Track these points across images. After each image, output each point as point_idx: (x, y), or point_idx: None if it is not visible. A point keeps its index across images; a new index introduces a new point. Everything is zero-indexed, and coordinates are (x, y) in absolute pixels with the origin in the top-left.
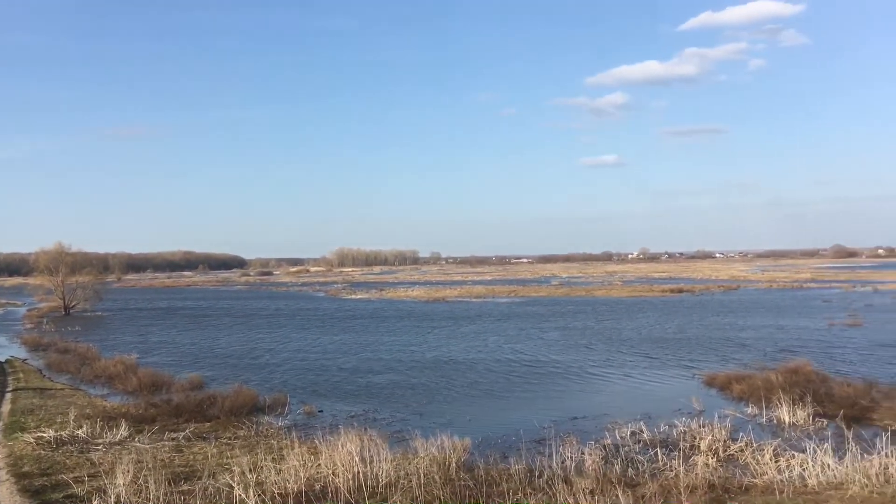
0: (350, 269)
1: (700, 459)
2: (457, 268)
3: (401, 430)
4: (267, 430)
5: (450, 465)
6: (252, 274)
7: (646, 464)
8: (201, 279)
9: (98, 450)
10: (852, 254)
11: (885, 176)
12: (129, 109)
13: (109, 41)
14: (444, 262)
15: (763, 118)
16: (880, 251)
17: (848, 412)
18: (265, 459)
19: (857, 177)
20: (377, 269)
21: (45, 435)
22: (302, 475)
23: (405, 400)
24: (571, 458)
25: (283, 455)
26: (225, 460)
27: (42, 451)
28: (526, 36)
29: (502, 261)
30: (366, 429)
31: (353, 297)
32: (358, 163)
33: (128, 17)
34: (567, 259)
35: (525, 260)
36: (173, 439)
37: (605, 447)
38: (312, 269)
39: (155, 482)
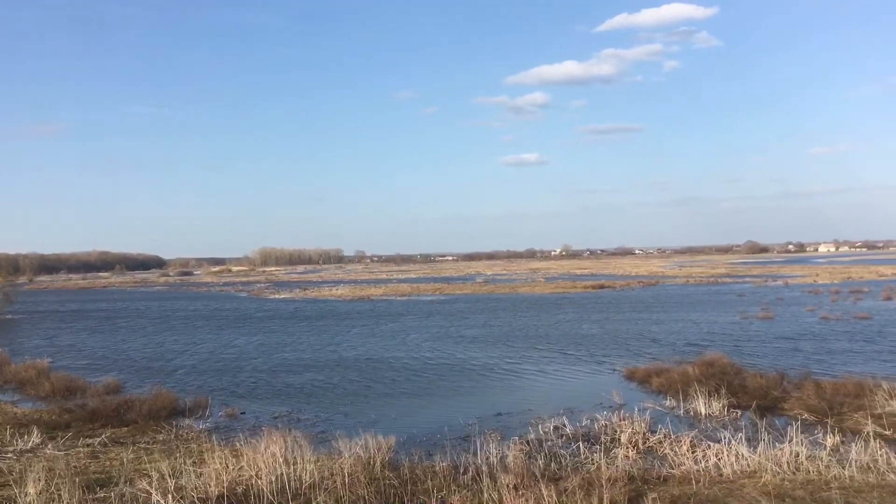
0: (273, 269)
1: (621, 452)
2: (382, 266)
3: (325, 431)
4: (187, 433)
5: (374, 465)
6: (172, 274)
7: (568, 458)
8: (118, 280)
9: (7, 458)
10: (764, 249)
11: (790, 174)
12: (42, 107)
13: (24, 37)
14: (369, 261)
15: (678, 118)
16: (790, 247)
17: (760, 403)
18: (185, 463)
19: (766, 175)
20: (301, 268)
21: None
22: (224, 478)
23: (329, 400)
24: (495, 453)
25: (203, 459)
26: (143, 465)
27: None
28: (445, 35)
29: (427, 259)
30: (289, 430)
31: (277, 296)
32: (280, 161)
33: (39, 11)
34: (491, 257)
35: (450, 258)
36: (88, 445)
37: (528, 442)
38: (235, 268)
39: (69, 490)
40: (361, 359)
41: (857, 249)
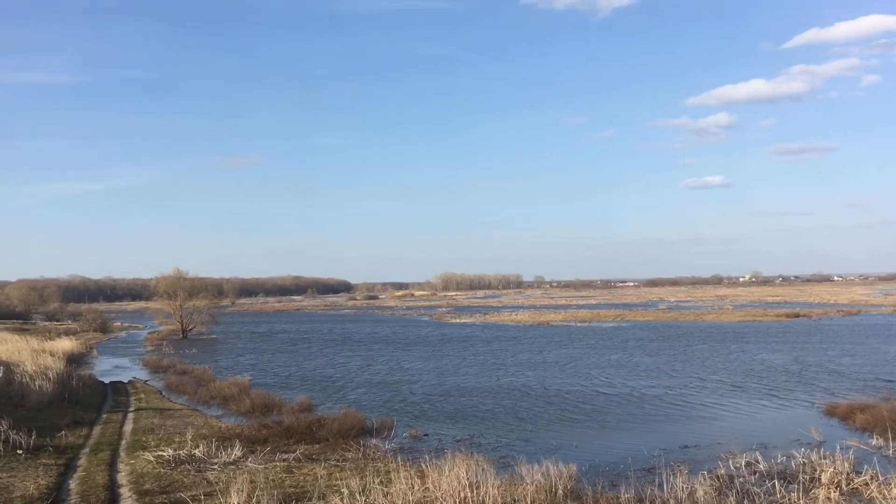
0: (454, 293)
1: (822, 493)
2: (561, 291)
3: (506, 456)
4: (374, 452)
5: (557, 492)
6: (358, 298)
7: (763, 496)
8: (310, 303)
9: (213, 469)
10: None
11: None
12: (238, 139)
13: (210, 75)
14: (548, 286)
15: (877, 135)
16: None
17: None
18: (373, 482)
19: None
20: (481, 293)
21: (164, 454)
22: (409, 498)
23: (509, 425)
24: (683, 487)
25: (390, 478)
26: (334, 482)
27: (162, 470)
28: (621, 58)
29: (607, 284)
30: (472, 453)
31: (457, 321)
32: (457, 187)
33: (222, 52)
34: (674, 283)
35: (631, 284)
36: (284, 460)
37: (718, 477)
38: (417, 293)
39: (267, 502)
40: (541, 385)
41: None
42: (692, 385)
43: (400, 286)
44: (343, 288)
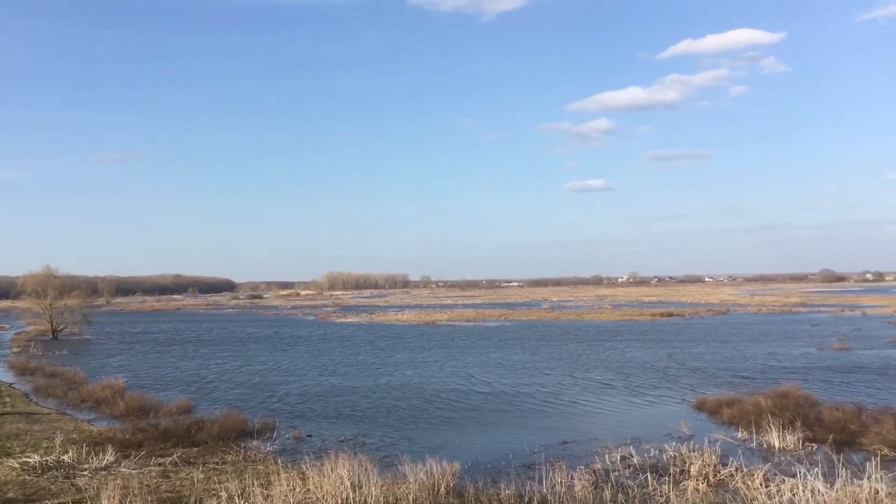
0: (340, 293)
1: (690, 484)
2: (447, 291)
3: (390, 455)
4: (255, 454)
5: (439, 490)
6: (242, 297)
7: (636, 489)
8: (191, 302)
9: (84, 475)
10: (840, 278)
11: (867, 201)
12: (120, 133)
13: (100, 66)
14: (434, 286)
15: (747, 143)
16: (868, 276)
17: (837, 437)
18: (253, 485)
19: (842, 201)
20: (367, 292)
21: (30, 460)
22: (290, 500)
23: (394, 424)
24: (561, 482)
25: (270, 480)
26: (212, 486)
27: (27, 477)
28: (507, 62)
29: (492, 284)
30: (355, 453)
31: (343, 320)
32: (346, 187)
33: (118, 40)
34: (557, 283)
35: (515, 284)
36: (160, 464)
37: (594, 472)
38: (303, 292)
39: None
40: (431, 385)
41: None
42: (571, 383)
43: (285, 285)
44: (226, 287)
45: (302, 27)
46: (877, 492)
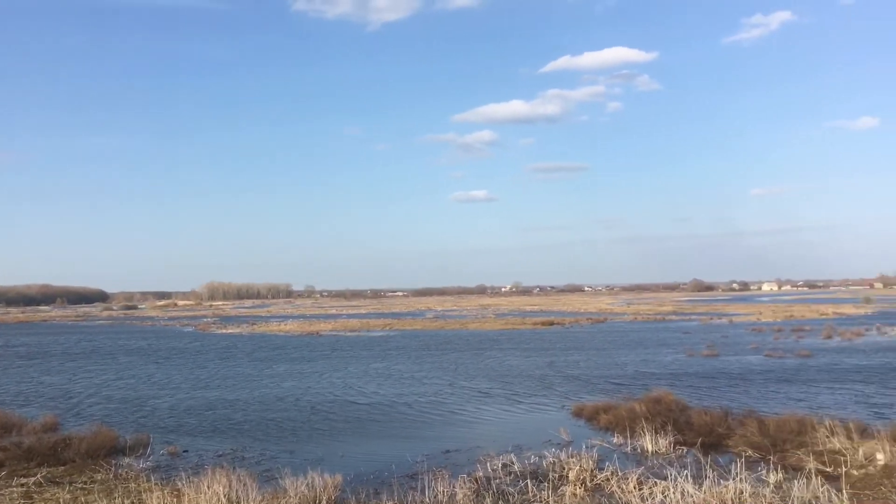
0: (221, 303)
1: (568, 489)
2: (331, 301)
3: (270, 469)
4: (127, 472)
5: (321, 503)
6: (115, 308)
7: (516, 496)
8: (59, 314)
9: None
10: (710, 287)
11: (734, 214)
12: None
13: None
14: (318, 296)
15: (623, 157)
16: (735, 285)
17: (706, 440)
18: None
19: (711, 215)
20: (249, 302)
21: None
22: None
23: (275, 437)
24: (443, 491)
25: (142, 499)
26: None
27: None
28: (394, 73)
29: (377, 294)
30: (233, 468)
31: (223, 331)
32: (227, 195)
33: None
34: (442, 292)
35: (400, 293)
36: (23, 485)
37: (476, 480)
38: (181, 302)
39: None
40: (308, 395)
41: (799, 288)
42: (453, 392)
43: (162, 295)
44: (98, 297)
45: (178, 27)
46: (741, 492)
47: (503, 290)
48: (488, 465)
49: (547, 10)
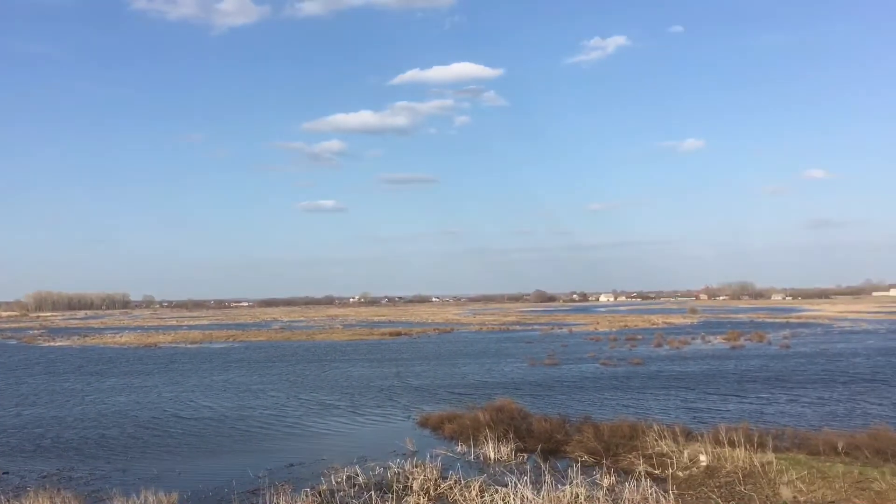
0: (50, 314)
1: (412, 500)
2: (172, 312)
3: (100, 490)
4: None
5: None
6: None
7: None
8: None
9: None
10: (552, 298)
11: (573, 227)
12: None
13: None
14: (158, 307)
15: (470, 171)
16: (575, 296)
17: (545, 446)
18: None
19: (552, 228)
20: (82, 313)
21: None
22: None
23: (106, 455)
24: None
25: None
26: None
27: None
28: (241, 78)
29: (221, 304)
30: (58, 490)
31: (52, 343)
32: (62, 200)
33: None
34: (289, 303)
35: (245, 304)
36: None
37: (320, 493)
38: (3, 313)
39: None
40: (143, 410)
41: (633, 299)
42: (298, 404)
43: None
44: None
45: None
46: (577, 496)
47: (351, 300)
48: (332, 477)
49: (396, 23)
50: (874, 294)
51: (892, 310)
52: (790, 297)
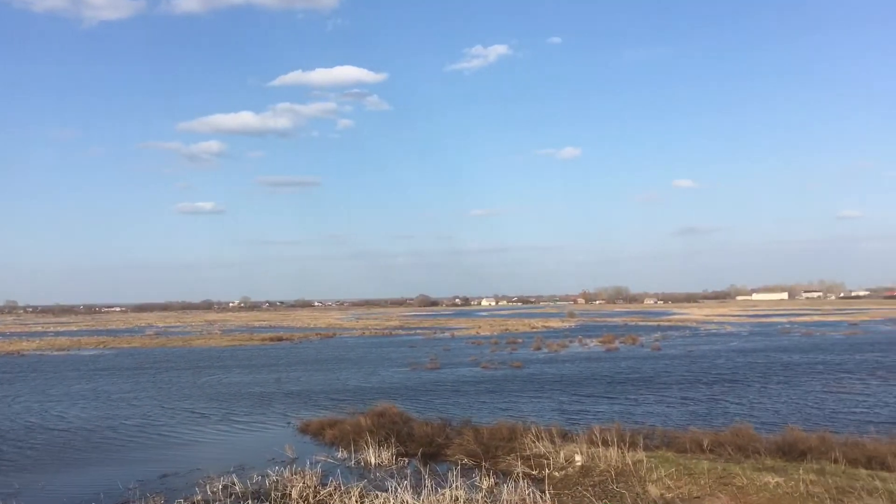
0: None
1: None
2: (37, 317)
3: None
4: None
5: None
6: None
7: None
8: None
9: None
10: (434, 303)
11: (456, 232)
12: None
13: None
14: (21, 311)
15: (353, 174)
16: (457, 300)
17: (426, 450)
18: None
19: (436, 233)
20: None
21: None
22: None
23: None
24: None
25: None
26: None
27: None
28: (112, 73)
29: (91, 310)
30: None
31: None
32: None
33: None
34: (165, 307)
35: (118, 309)
36: None
37: None
38: None
39: None
40: (3, 421)
41: (514, 303)
42: (172, 412)
43: None
44: None
45: None
46: (457, 499)
47: (231, 305)
48: (208, 487)
49: (276, 24)
50: (738, 298)
51: (754, 313)
52: (661, 301)
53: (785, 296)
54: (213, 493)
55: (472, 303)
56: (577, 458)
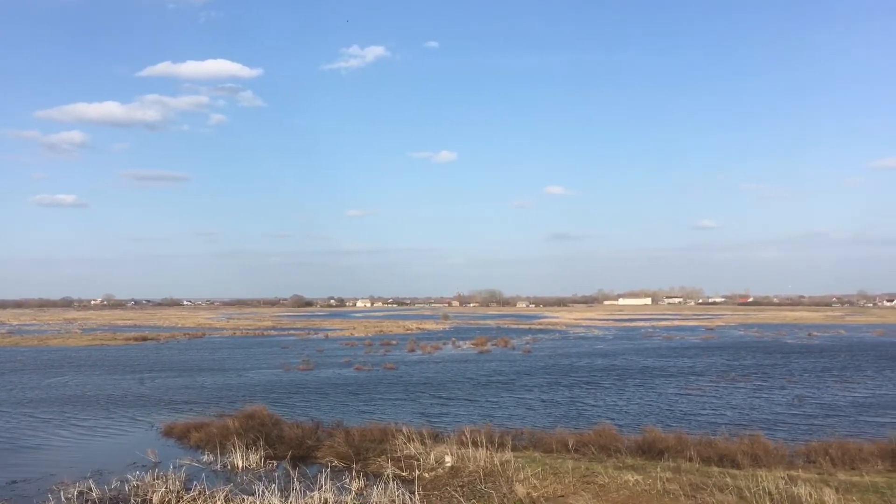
0: None
1: None
2: None
3: None
4: None
5: None
6: None
7: None
8: None
9: None
10: (309, 303)
11: (332, 233)
12: None
13: None
14: None
15: (225, 171)
16: (332, 301)
17: (296, 452)
18: None
19: (311, 233)
20: None
21: None
22: None
23: None
24: None
25: None
26: None
27: None
28: None
29: None
30: None
31: None
32: None
33: None
34: (20, 305)
35: None
36: None
37: None
38: None
39: None
40: None
41: (389, 305)
42: (21, 416)
43: None
44: None
45: None
46: (326, 501)
47: (93, 302)
48: (62, 494)
49: (145, 12)
50: (605, 303)
51: (619, 317)
52: (533, 305)
53: (649, 301)
54: (68, 499)
55: (348, 304)
56: (448, 458)
